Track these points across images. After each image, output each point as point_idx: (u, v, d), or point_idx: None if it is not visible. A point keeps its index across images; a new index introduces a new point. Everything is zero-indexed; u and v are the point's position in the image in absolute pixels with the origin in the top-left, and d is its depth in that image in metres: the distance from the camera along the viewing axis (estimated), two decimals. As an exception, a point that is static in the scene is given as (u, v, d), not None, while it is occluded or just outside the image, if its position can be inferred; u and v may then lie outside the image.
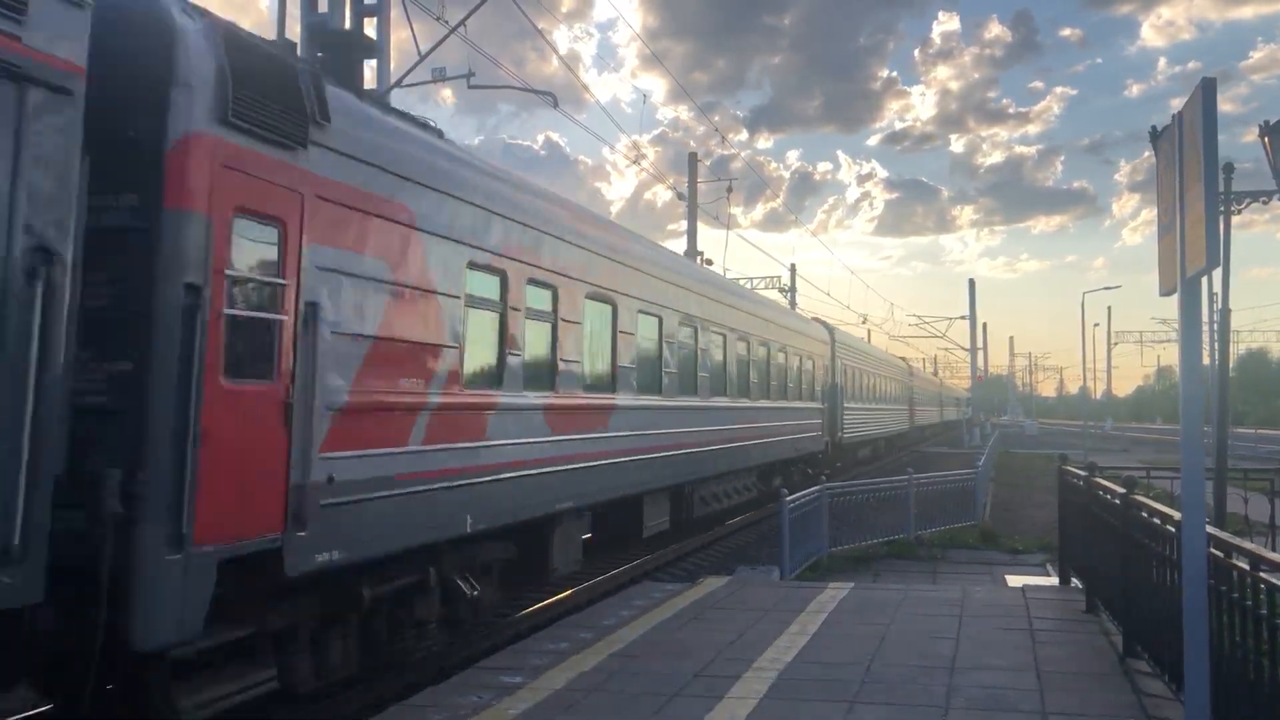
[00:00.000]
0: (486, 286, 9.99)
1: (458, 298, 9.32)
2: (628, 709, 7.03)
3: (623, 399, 13.37)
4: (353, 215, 7.81)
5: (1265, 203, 20.80)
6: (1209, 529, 5.91)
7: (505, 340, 10.23)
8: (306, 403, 7.12)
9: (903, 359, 61.97)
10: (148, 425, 6.00)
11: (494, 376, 10.09)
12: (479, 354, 9.87)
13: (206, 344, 6.23)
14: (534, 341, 10.93)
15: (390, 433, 8.25)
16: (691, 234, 35.15)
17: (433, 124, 9.93)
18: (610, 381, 13.08)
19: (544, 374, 11.17)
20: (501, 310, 10.19)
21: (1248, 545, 5.69)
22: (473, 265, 9.62)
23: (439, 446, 8.91)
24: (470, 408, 9.51)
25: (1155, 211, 6.29)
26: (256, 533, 6.68)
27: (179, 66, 6.25)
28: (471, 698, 7.27)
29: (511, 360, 10.32)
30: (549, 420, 11.13)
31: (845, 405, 32.46)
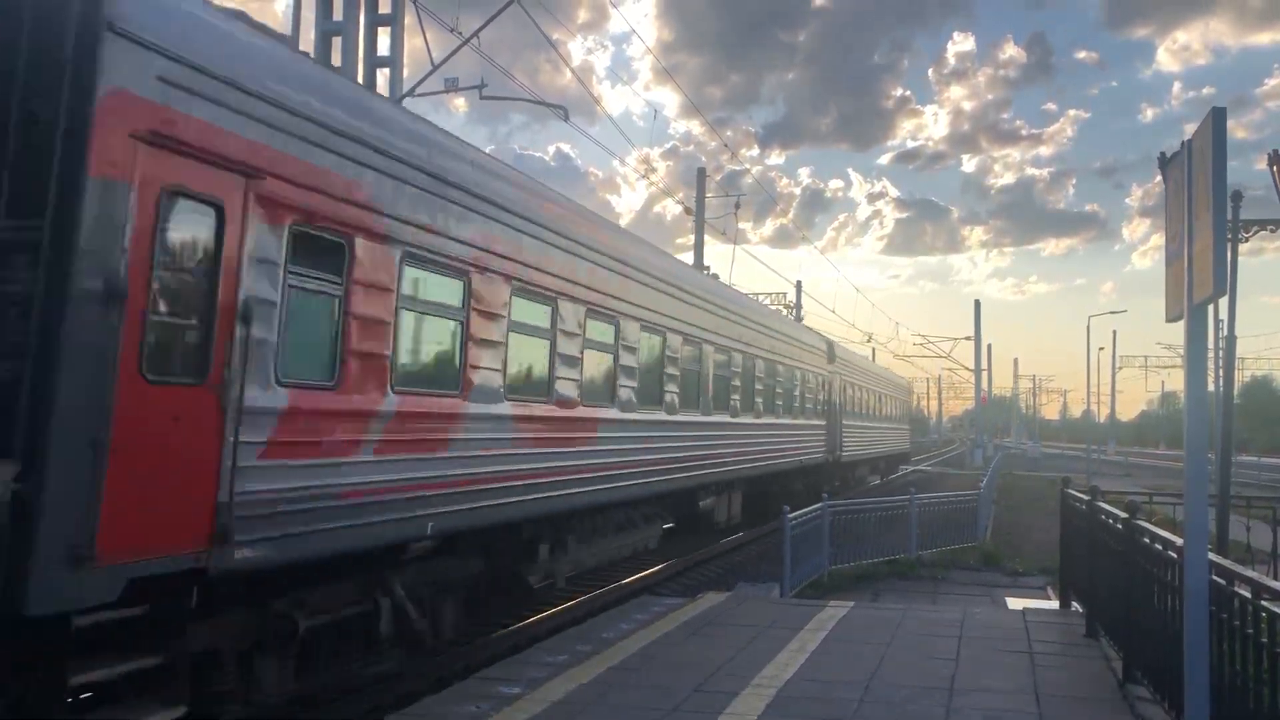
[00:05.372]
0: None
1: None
2: (626, 722, 7.02)
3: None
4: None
5: (1273, 231, 20.82)
6: (1211, 556, 5.91)
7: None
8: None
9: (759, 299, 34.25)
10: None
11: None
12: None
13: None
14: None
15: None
16: (698, 248, 35.21)
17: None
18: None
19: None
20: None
21: (1250, 573, 5.69)
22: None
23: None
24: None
25: (1164, 237, 6.32)
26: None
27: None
28: (470, 707, 7.28)
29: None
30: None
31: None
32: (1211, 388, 24.41)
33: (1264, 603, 5.21)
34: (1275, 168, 17.23)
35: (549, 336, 10.84)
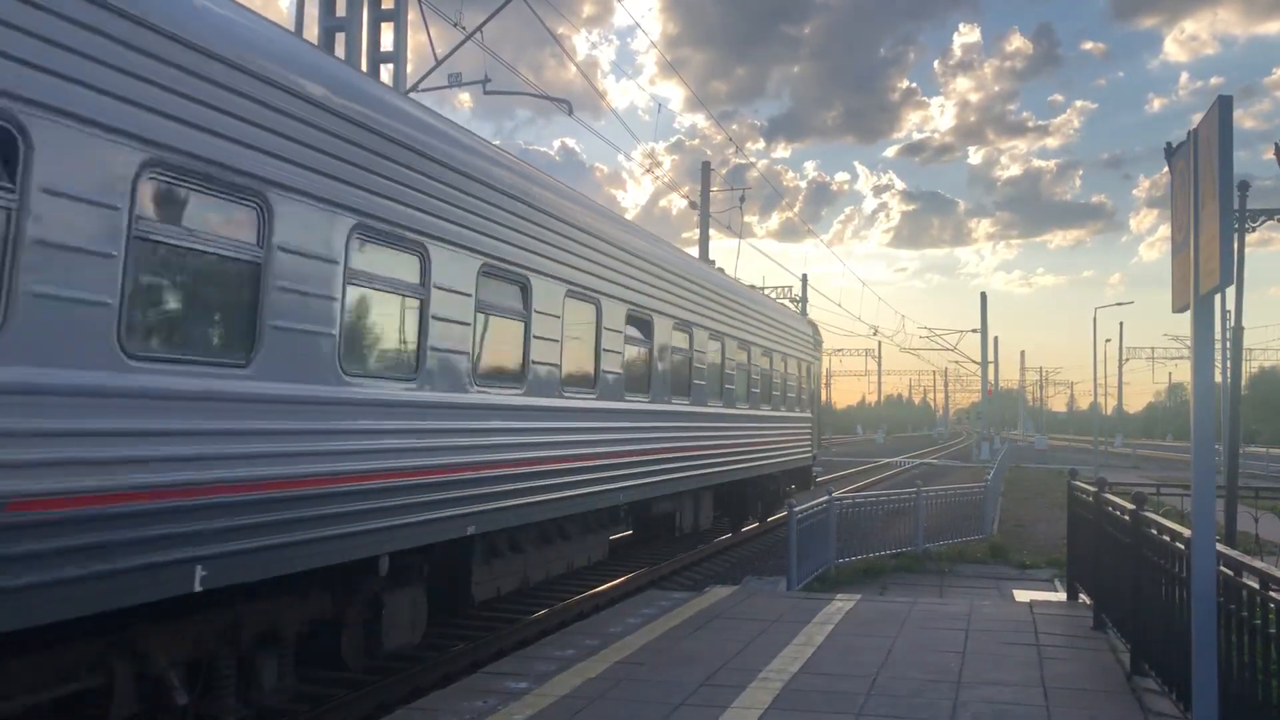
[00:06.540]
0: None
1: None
2: (633, 717, 7.02)
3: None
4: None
5: (1280, 220, 20.74)
6: (1219, 547, 5.89)
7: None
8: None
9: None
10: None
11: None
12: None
13: None
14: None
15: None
16: (703, 242, 35.20)
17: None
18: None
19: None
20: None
21: (1258, 564, 5.67)
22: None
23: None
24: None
25: (1171, 228, 6.28)
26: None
27: None
28: (478, 702, 7.29)
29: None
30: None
31: None
32: (1219, 379, 24.38)
33: (1272, 594, 5.19)
34: (1282, 158, 17.16)
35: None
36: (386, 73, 14.30)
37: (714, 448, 16.63)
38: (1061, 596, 13.68)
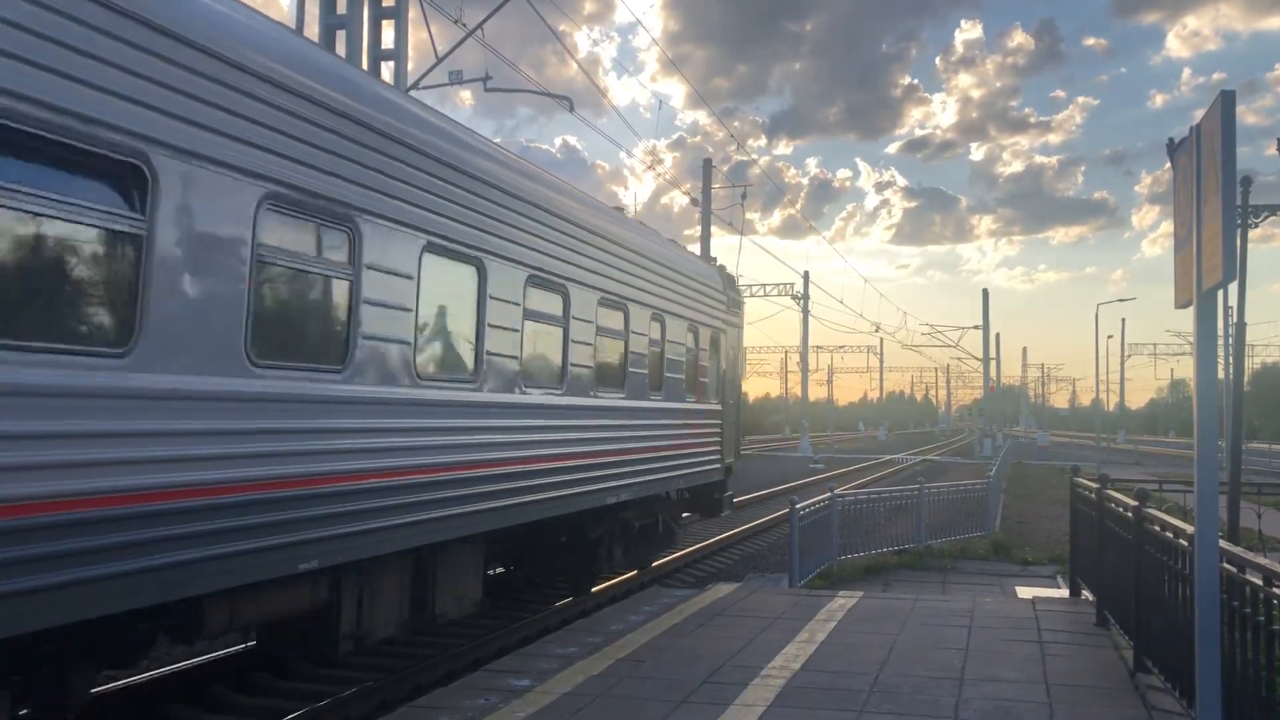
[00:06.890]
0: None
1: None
2: (635, 714, 7.03)
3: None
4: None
5: (1283, 216, 20.74)
6: (1222, 544, 5.88)
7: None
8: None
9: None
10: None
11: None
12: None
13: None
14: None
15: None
16: (705, 239, 35.19)
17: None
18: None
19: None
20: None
21: (1261, 560, 5.65)
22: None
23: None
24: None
25: (1174, 223, 6.27)
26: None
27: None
28: (480, 700, 7.29)
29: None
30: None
31: None
32: (1221, 375, 24.37)
33: (1275, 590, 5.18)
34: (1285, 153, 17.14)
35: None
36: (387, 70, 14.28)
37: (460, 469, 8.67)
38: (1064, 593, 13.67)
